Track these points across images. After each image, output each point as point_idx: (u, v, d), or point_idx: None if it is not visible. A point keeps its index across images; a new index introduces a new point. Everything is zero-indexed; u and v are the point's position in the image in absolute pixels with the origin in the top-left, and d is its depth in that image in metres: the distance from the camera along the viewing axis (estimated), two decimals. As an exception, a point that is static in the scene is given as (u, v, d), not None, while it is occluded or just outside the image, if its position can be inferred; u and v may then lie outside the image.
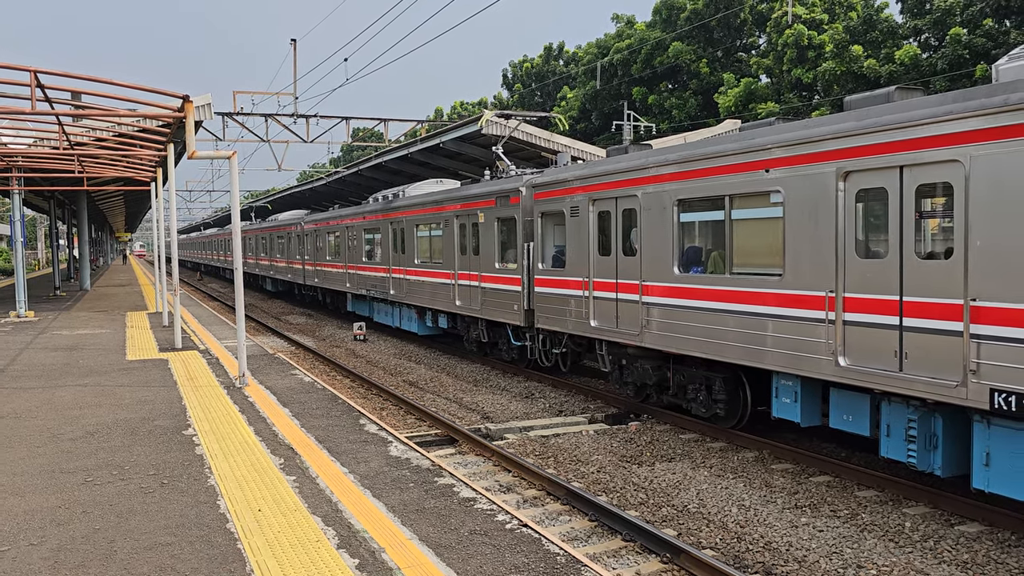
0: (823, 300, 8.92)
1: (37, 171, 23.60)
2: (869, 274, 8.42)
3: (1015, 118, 6.94)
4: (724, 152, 10.24)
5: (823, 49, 38.78)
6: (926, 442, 8.23)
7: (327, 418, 10.17)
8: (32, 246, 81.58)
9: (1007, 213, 7.04)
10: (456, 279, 18.14)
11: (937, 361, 7.71)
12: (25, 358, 15.48)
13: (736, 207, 10.20)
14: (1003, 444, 7.41)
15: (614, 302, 12.56)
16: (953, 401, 7.59)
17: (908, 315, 8.00)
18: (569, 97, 57.38)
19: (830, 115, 9.30)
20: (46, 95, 12.61)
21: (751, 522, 8.36)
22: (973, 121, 7.29)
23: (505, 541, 6.08)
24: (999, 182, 7.10)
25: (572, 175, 13.73)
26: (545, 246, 14.92)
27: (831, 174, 8.74)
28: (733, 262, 10.33)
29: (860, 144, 8.38)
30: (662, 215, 11.37)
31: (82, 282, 37.73)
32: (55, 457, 8.42)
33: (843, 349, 8.69)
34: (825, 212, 8.86)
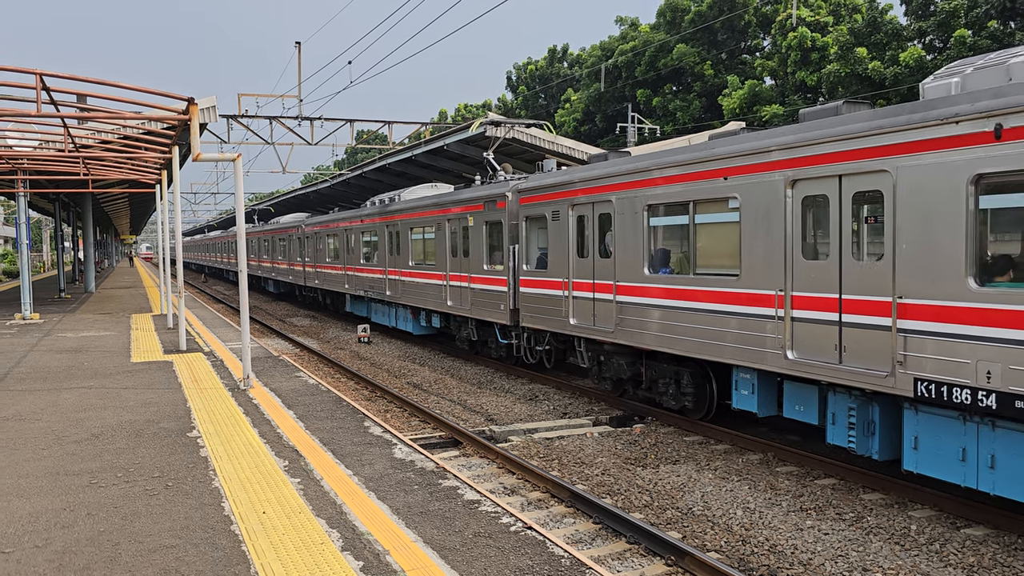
0: (774, 298, 9.65)
1: (42, 173, 23.66)
2: (813, 274, 9.13)
3: (934, 133, 7.67)
4: (688, 161, 10.96)
5: (827, 51, 38.74)
6: (864, 429, 8.97)
7: (331, 420, 10.17)
8: (37, 248, 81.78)
9: (927, 218, 7.79)
10: (448, 280, 18.81)
11: (870, 354, 8.43)
12: (30, 360, 15.51)
13: (699, 212, 10.92)
14: (928, 429, 8.12)
15: (591, 301, 13.28)
16: (884, 390, 8.31)
17: (846, 312, 8.72)
18: (573, 99, 57.40)
19: (782, 127, 9.93)
20: (51, 98, 12.65)
21: (756, 525, 8.34)
22: (899, 135, 8.00)
23: (509, 543, 6.07)
24: (920, 191, 7.83)
25: (554, 181, 14.38)
26: (529, 248, 15.57)
27: (780, 182, 9.46)
28: (696, 263, 11.07)
29: (805, 155, 9.10)
30: (634, 219, 12.09)
31: (87, 284, 37.80)
32: (60, 459, 8.43)
33: (791, 344, 9.42)
34: (775, 217, 9.59)
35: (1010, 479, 7.37)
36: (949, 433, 7.92)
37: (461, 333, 19.05)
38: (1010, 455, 7.37)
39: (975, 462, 7.68)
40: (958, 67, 8.29)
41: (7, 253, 73.22)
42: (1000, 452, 7.46)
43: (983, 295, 7.33)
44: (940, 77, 8.29)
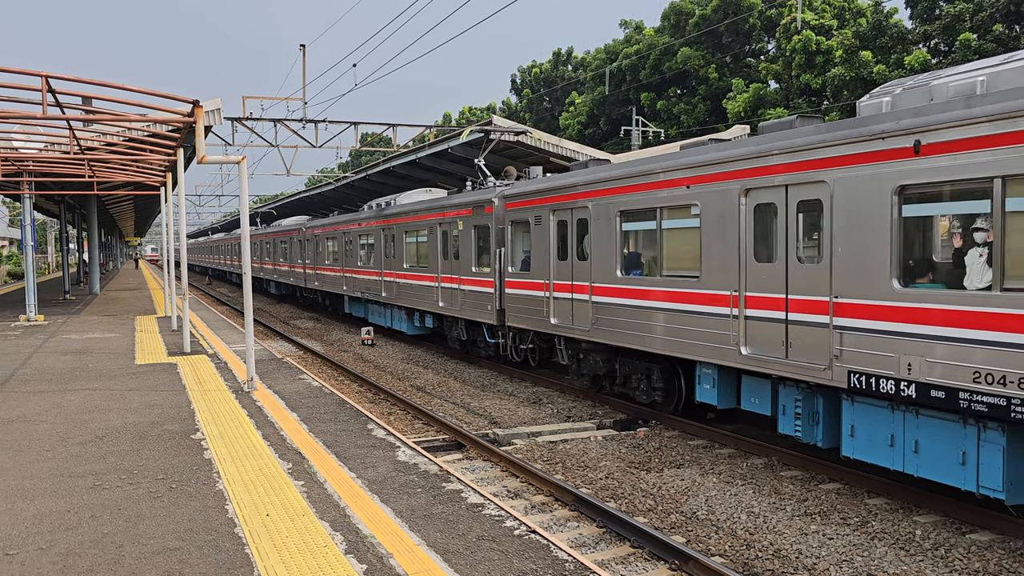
0: (729, 298, 10.40)
1: (48, 175, 23.72)
2: (763, 276, 9.87)
3: (864, 147, 8.41)
4: (656, 170, 11.72)
5: (832, 55, 38.70)
6: (809, 418, 9.63)
7: (335, 423, 10.17)
8: (42, 250, 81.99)
9: (858, 225, 8.51)
10: (439, 282, 19.56)
11: (811, 349, 9.14)
12: (35, 362, 15.54)
13: (665, 218, 11.70)
14: (863, 417, 8.81)
15: (570, 301, 14.05)
16: (823, 382, 9.02)
17: (792, 310, 9.46)
18: (577, 102, 57.42)
19: (740, 139, 10.86)
20: (57, 100, 12.67)
21: (760, 529, 8.31)
22: (835, 149, 8.73)
23: (513, 547, 6.05)
24: (853, 200, 8.58)
25: (536, 188, 15.19)
26: (514, 251, 16.34)
27: (735, 191, 10.21)
28: (663, 266, 11.82)
29: (756, 166, 9.86)
30: (608, 224, 12.87)
31: (92, 286, 37.87)
32: (64, 461, 8.43)
33: (745, 340, 10.17)
34: (731, 223, 10.34)
35: (931, 462, 8.10)
36: (880, 421, 8.61)
37: (452, 333, 19.73)
38: (930, 440, 8.09)
39: (902, 447, 8.37)
40: (890, 87, 8.99)
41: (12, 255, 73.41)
42: (922, 438, 8.18)
43: (905, 295, 8.04)
44: (874, 96, 9.01)
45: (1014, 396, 7.06)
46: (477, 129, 22.17)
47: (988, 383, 7.30)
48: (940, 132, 7.66)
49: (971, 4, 34.01)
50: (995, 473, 7.50)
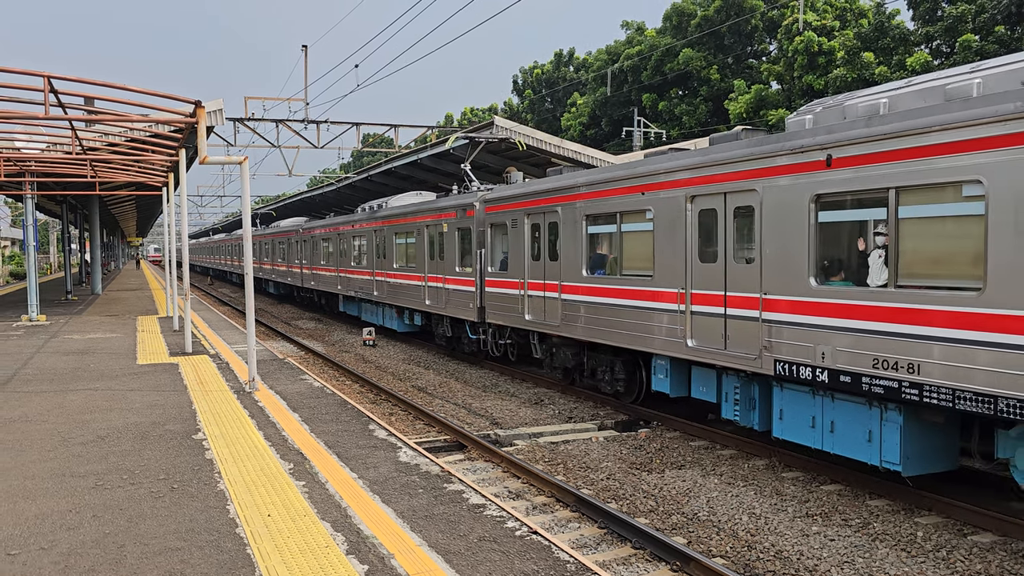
0: (678, 295, 11.34)
1: (50, 176, 23.74)
2: (706, 275, 10.81)
3: (787, 160, 9.35)
4: (616, 178, 12.71)
5: (834, 56, 38.69)
6: (747, 404, 10.56)
7: (336, 423, 10.17)
8: (44, 250, 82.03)
9: (782, 229, 9.44)
10: (427, 281, 20.56)
11: (745, 340, 10.06)
12: (37, 362, 15.55)
13: (624, 222, 12.65)
14: (789, 402, 9.76)
15: (542, 299, 15.02)
16: (755, 370, 9.93)
17: (730, 306, 10.39)
18: (579, 103, 57.41)
19: (688, 150, 11.76)
20: (59, 100, 12.69)
21: (761, 530, 8.31)
22: (764, 161, 9.66)
23: (514, 548, 6.05)
24: (778, 207, 9.50)
25: (513, 192, 16.12)
26: (494, 252, 17.25)
27: (682, 197, 11.15)
28: (622, 266, 12.75)
29: (700, 175, 10.83)
30: (575, 227, 13.81)
31: (93, 286, 37.90)
32: (66, 461, 8.44)
33: (691, 333, 11.10)
34: (679, 227, 11.26)
35: (845, 441, 9.05)
36: (803, 405, 9.57)
37: (438, 330, 20.66)
38: (843, 421, 9.04)
39: (821, 428, 9.33)
40: (814, 105, 9.88)
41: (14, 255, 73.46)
42: (837, 419, 9.12)
43: (820, 291, 9.00)
44: (800, 113, 9.88)
45: (903, 380, 8.06)
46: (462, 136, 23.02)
47: (884, 368, 8.27)
48: (846, 148, 8.62)
49: (973, 5, 33.99)
50: (894, 448, 8.49)
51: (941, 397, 7.70)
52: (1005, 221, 7.15)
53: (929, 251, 8.01)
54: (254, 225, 53.16)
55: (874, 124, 8.37)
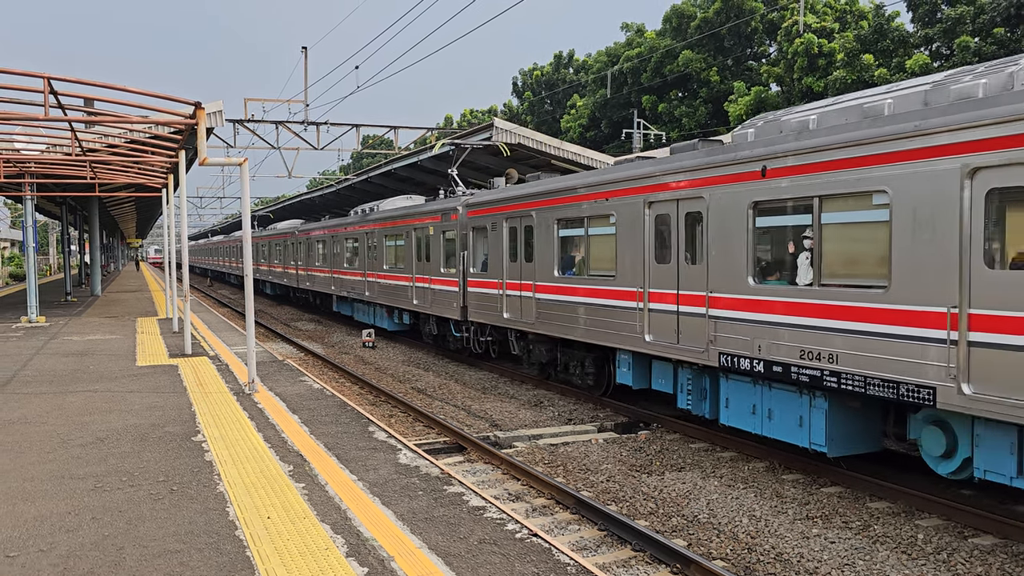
0: (637, 294, 12.13)
1: (49, 177, 23.73)
2: (661, 275, 11.64)
3: (729, 170, 10.19)
4: (584, 185, 13.55)
5: (834, 58, 38.71)
6: (699, 394, 11.37)
7: (336, 425, 10.16)
8: (44, 252, 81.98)
9: (725, 233, 10.28)
10: (414, 282, 21.42)
11: (695, 335, 10.88)
12: (36, 363, 15.54)
13: (591, 226, 13.47)
14: (734, 391, 10.60)
15: (519, 298, 15.79)
16: (702, 362, 10.76)
17: (681, 304, 11.21)
18: (579, 105, 57.43)
19: (648, 159, 12.66)
20: (59, 101, 12.68)
21: (762, 533, 8.30)
22: (710, 171, 10.54)
23: (515, 550, 6.04)
24: (722, 212, 10.32)
25: (493, 197, 16.98)
26: (475, 254, 18.06)
27: (641, 203, 11.96)
28: (589, 267, 13.56)
29: (656, 183, 11.66)
30: (548, 231, 14.65)
31: (93, 288, 37.88)
32: (65, 463, 8.43)
33: (648, 329, 11.90)
34: (638, 230, 12.06)
35: (780, 426, 9.86)
36: (745, 393, 10.41)
37: (425, 328, 21.58)
38: (779, 408, 9.88)
39: (761, 414, 10.14)
40: (756, 120, 10.67)
41: (14, 256, 73.43)
42: (774, 406, 9.94)
43: (757, 290, 9.82)
44: (744, 127, 10.70)
45: (825, 369, 8.92)
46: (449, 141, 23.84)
47: (809, 359, 9.12)
48: (778, 160, 9.45)
49: (972, 7, 34.01)
50: (820, 432, 9.30)
51: (855, 384, 8.59)
52: (905, 227, 8.02)
53: (846, 254, 8.91)
54: (252, 227, 53.20)
55: (802, 139, 9.21)
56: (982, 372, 7.33)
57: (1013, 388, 7.08)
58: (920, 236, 7.87)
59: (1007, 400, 7.11)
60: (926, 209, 7.80)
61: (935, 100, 8.21)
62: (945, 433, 8.11)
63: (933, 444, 8.24)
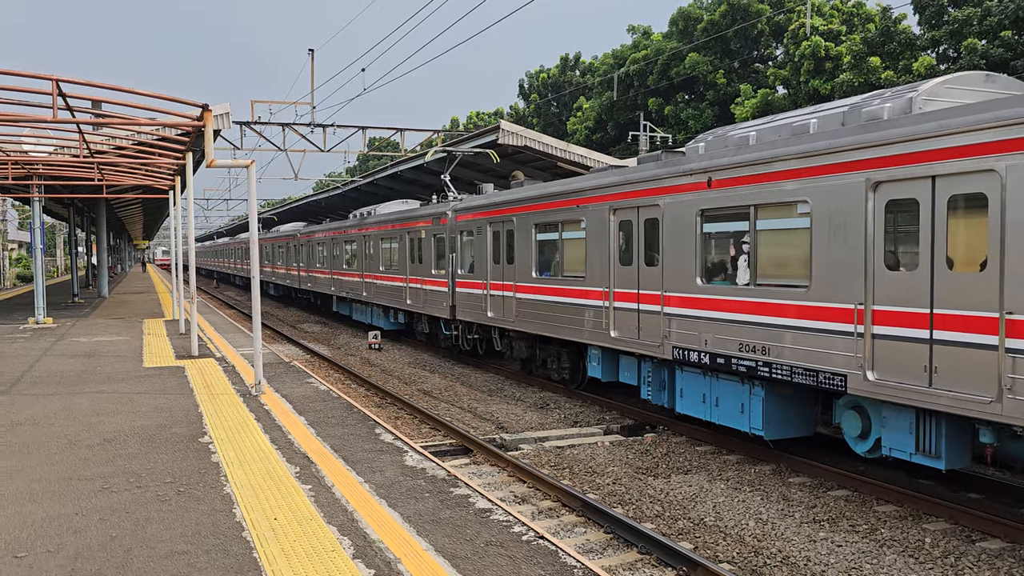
0: (603, 294, 13.07)
1: (57, 179, 23.82)
2: (624, 276, 12.61)
3: (680, 181, 11.27)
4: (558, 192, 14.54)
5: (840, 60, 38.63)
6: (659, 386, 12.41)
7: (342, 427, 10.17)
8: (51, 253, 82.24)
9: (678, 238, 11.32)
10: (408, 283, 22.42)
11: (652, 331, 11.92)
12: (43, 365, 15.59)
13: (564, 230, 14.48)
14: (687, 382, 11.63)
15: (501, 298, 16.75)
16: (659, 356, 11.81)
17: (641, 302, 12.18)
18: (585, 107, 57.41)
19: (616, 169, 13.55)
20: (67, 104, 12.73)
21: (768, 536, 8.28)
22: (664, 181, 11.60)
23: (521, 552, 6.04)
24: (675, 219, 11.38)
25: (478, 203, 17.93)
26: (463, 257, 18.98)
27: (607, 210, 12.96)
28: (563, 268, 14.50)
29: (620, 192, 12.66)
30: (527, 234, 15.67)
31: (100, 289, 38.00)
32: (72, 464, 8.45)
33: (614, 326, 12.87)
34: (604, 235, 13.05)
35: (725, 413, 10.90)
36: (696, 384, 11.43)
37: (418, 327, 22.70)
38: (724, 396, 10.91)
39: (710, 403, 11.18)
40: (708, 134, 11.66)
41: (21, 258, 73.68)
42: (720, 395, 10.99)
43: (704, 289, 10.88)
44: (698, 141, 11.66)
45: (759, 360, 9.91)
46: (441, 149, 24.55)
47: (746, 351, 10.12)
48: (721, 172, 10.46)
49: (979, 9, 33.92)
50: (758, 417, 10.33)
51: (783, 373, 9.62)
52: (822, 233, 9.04)
53: (777, 257, 9.94)
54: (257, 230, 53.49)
55: (740, 153, 10.21)
56: (883, 361, 8.36)
57: (907, 375, 8.12)
58: (834, 241, 8.92)
59: (902, 385, 8.14)
60: (838, 217, 8.85)
61: (850, 121, 9.21)
62: (861, 417, 9.15)
63: (851, 427, 9.27)
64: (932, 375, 7.88)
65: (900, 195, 8.21)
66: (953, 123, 7.69)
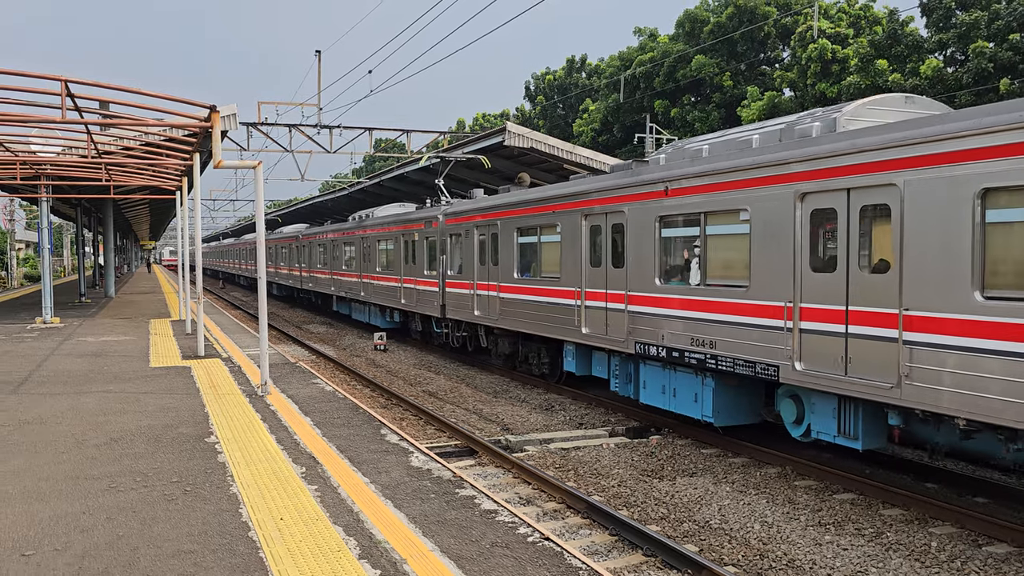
0: (575, 293, 14.09)
1: (65, 179, 23.90)
2: (594, 277, 13.60)
3: (641, 190, 12.24)
4: (537, 199, 15.58)
5: (847, 63, 38.56)
6: (626, 379, 13.28)
7: (348, 427, 10.19)
8: (58, 253, 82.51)
9: (639, 242, 12.31)
10: (402, 283, 23.39)
11: (618, 327, 12.88)
12: (51, 364, 15.65)
13: (542, 234, 15.48)
14: (649, 374, 12.62)
15: (487, 298, 17.75)
16: (623, 350, 12.76)
17: (609, 301, 13.15)
18: (591, 109, 57.41)
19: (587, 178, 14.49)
20: (76, 104, 12.78)
21: (774, 539, 8.27)
22: (627, 190, 12.58)
23: (527, 554, 6.05)
24: (637, 224, 12.35)
25: (466, 208, 19.04)
26: (453, 258, 19.89)
27: (579, 215, 13.98)
28: (541, 270, 15.48)
29: (590, 199, 13.68)
30: (509, 238, 16.67)
31: (107, 289, 38.10)
32: (79, 463, 8.49)
33: (585, 323, 13.83)
34: (578, 238, 14.01)
35: (682, 402, 11.90)
36: (656, 376, 12.46)
37: (412, 325, 23.79)
38: (681, 387, 11.91)
39: (669, 393, 12.18)
40: (669, 147, 12.61)
41: (29, 257, 73.94)
42: (677, 386, 11.99)
43: (663, 289, 11.86)
44: (660, 152, 12.68)
45: (708, 353, 10.90)
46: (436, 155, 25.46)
47: (696, 345, 11.14)
48: (676, 182, 11.50)
49: (987, 13, 33.84)
50: (709, 406, 11.33)
51: (727, 364, 10.59)
52: (760, 238, 9.99)
53: (723, 259, 10.86)
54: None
55: (694, 165, 11.21)
56: (809, 353, 9.36)
57: (828, 365, 9.09)
58: (769, 246, 9.88)
59: (824, 374, 9.11)
60: (773, 225, 9.82)
61: (786, 137, 10.11)
62: (796, 404, 10.08)
63: (788, 413, 10.21)
64: (848, 365, 8.87)
65: (822, 205, 9.24)
66: (862, 142, 8.68)
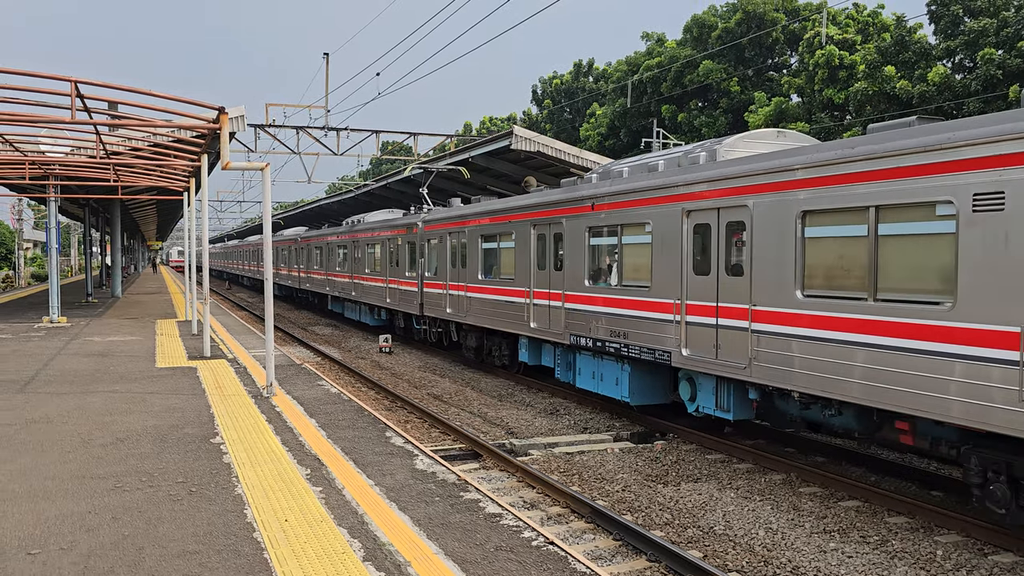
0: (526, 292, 15.96)
1: (73, 179, 23.99)
2: (540, 278, 15.51)
3: (574, 205, 14.19)
4: (496, 210, 17.58)
5: (855, 69, 38.53)
6: (567, 367, 15.15)
7: (353, 429, 10.20)
8: (66, 253, 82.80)
9: (573, 248, 14.22)
10: (388, 284, 25.30)
11: (557, 322, 14.77)
12: (57, 364, 15.70)
13: (500, 241, 17.39)
14: (583, 362, 14.48)
15: (457, 297, 19.62)
16: (562, 341, 14.64)
17: (551, 299, 15.02)
18: (598, 114, 57.43)
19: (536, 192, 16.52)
20: (85, 105, 12.83)
21: (778, 546, 8.25)
22: (564, 204, 14.53)
23: (531, 558, 6.04)
24: (571, 233, 14.29)
25: (440, 216, 21.05)
26: (430, 261, 21.81)
27: (529, 224, 15.91)
28: (500, 272, 17.39)
29: (538, 211, 15.59)
30: (475, 243, 18.58)
31: (113, 289, 38.22)
32: (85, 463, 8.51)
33: (533, 319, 15.75)
34: (527, 245, 15.97)
35: (607, 386, 13.63)
36: (588, 364, 14.28)
37: (395, 322, 26.06)
38: (607, 372, 13.68)
39: (597, 378, 13.93)
40: (601, 167, 14.54)
41: (36, 257, 74.21)
42: (603, 372, 13.75)
43: (591, 289, 13.73)
44: (594, 171, 14.58)
45: (622, 343, 12.80)
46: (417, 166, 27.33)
47: (614, 336, 13.02)
48: (600, 199, 13.44)
49: (996, 20, 33.78)
50: (626, 388, 13.10)
51: (635, 351, 12.49)
52: (659, 247, 11.94)
53: (634, 264, 12.70)
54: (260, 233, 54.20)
55: (612, 185, 13.12)
56: (692, 340, 11.29)
57: (705, 350, 11.00)
58: (664, 253, 11.81)
59: (703, 358, 11.01)
60: (667, 236, 11.75)
61: (683, 164, 11.92)
62: (690, 385, 11.86)
63: (685, 392, 12.00)
64: (718, 350, 10.76)
65: (701, 221, 11.19)
66: (727, 171, 10.62)
